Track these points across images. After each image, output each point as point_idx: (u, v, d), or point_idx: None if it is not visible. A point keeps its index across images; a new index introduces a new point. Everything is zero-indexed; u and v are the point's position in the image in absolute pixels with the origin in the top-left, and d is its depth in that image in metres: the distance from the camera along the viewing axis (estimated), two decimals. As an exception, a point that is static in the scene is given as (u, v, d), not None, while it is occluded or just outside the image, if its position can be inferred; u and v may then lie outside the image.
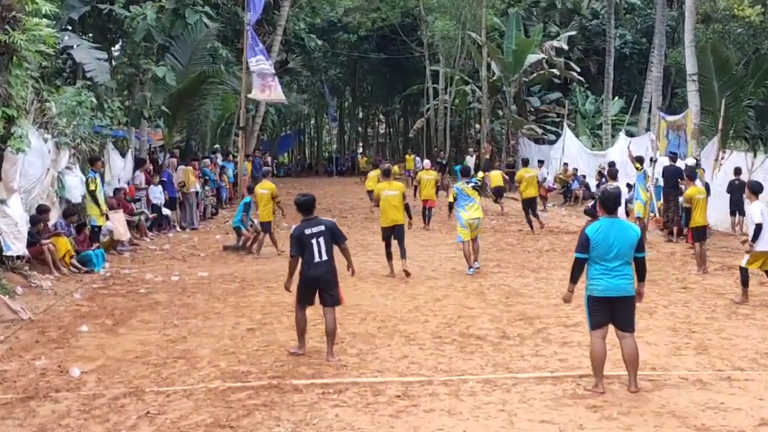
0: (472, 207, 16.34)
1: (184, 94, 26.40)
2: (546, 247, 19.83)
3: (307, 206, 9.94)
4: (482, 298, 13.34)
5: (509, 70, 40.31)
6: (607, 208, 8.26)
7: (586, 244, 8.13)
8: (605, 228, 8.12)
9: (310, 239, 9.69)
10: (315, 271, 9.70)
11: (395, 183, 16.39)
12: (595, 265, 8.15)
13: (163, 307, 12.69)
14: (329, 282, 9.81)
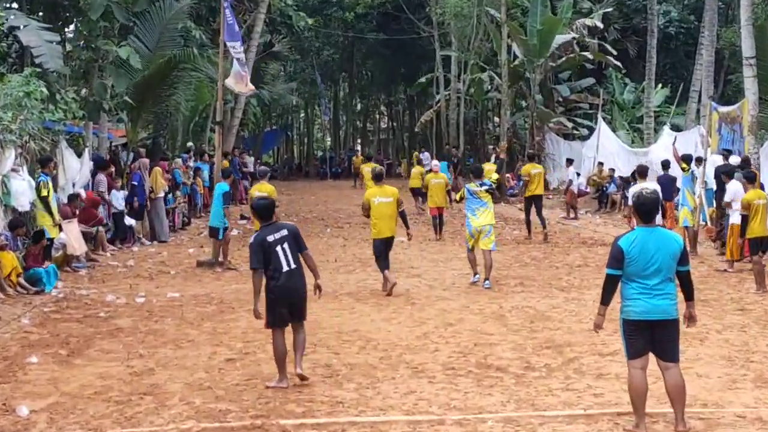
0: (483, 212, 16.66)
1: (151, 83, 26.38)
2: (577, 262, 19.83)
3: (266, 210, 10.29)
4: (502, 322, 13.34)
5: (534, 54, 40.35)
6: (643, 216, 8.22)
7: (619, 258, 8.08)
8: (642, 239, 8.07)
9: (274, 246, 9.90)
10: (287, 281, 9.92)
11: (388, 188, 16.48)
12: (631, 283, 8.10)
13: (127, 334, 12.70)
14: (301, 291, 10.12)
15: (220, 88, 20.92)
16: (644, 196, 8.18)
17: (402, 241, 21.71)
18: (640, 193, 8.28)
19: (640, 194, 8.25)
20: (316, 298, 10.64)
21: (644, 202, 8.16)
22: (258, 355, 11.27)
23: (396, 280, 16.11)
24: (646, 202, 8.16)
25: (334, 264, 19.79)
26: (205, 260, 19.69)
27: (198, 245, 23.11)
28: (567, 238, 24.42)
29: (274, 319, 9.99)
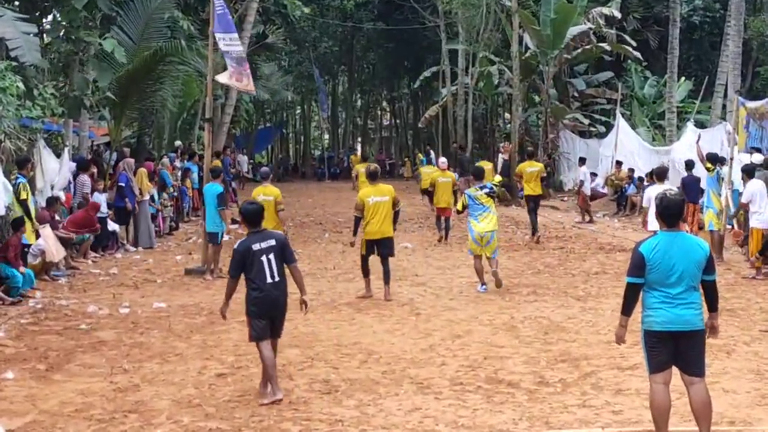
0: (485, 218, 16.98)
1: (135, 78, 26.32)
2: (595, 269, 19.83)
3: (255, 216, 10.32)
4: (514, 334, 13.34)
5: (547, 45, 40.39)
6: (667, 220, 8.18)
7: (640, 266, 8.06)
8: (665, 244, 8.04)
9: (259, 256, 10.01)
10: (270, 294, 10.02)
11: (384, 187, 16.68)
12: (653, 292, 8.09)
13: (110, 348, 12.70)
14: (284, 307, 10.22)
15: (209, 82, 20.84)
16: (668, 199, 8.11)
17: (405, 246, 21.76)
18: (664, 195, 8.18)
19: (664, 196, 8.15)
20: (302, 314, 10.62)
21: (668, 205, 8.09)
22: (251, 370, 11.27)
23: (371, 294, 16.42)
24: (670, 205, 8.09)
25: (333, 272, 19.80)
26: (194, 268, 19.69)
27: (186, 252, 23.13)
28: (583, 244, 24.40)
29: (257, 332, 10.10)
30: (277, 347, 10.40)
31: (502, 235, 25.67)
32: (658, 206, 8.18)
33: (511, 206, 35.57)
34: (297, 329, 13.51)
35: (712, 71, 40.63)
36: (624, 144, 35.87)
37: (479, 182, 17.47)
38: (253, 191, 19.60)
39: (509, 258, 21.63)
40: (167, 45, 26.55)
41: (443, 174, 25.73)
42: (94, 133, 30.12)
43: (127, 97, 26.10)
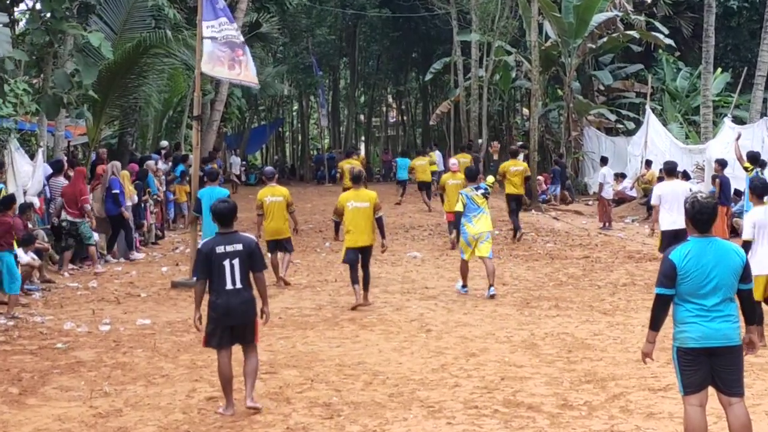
0: (479, 219, 17.80)
1: (117, 72, 26.35)
2: (623, 280, 19.83)
3: (225, 216, 10.45)
4: (534, 352, 13.35)
5: (569, 34, 40.45)
6: (699, 225, 8.15)
7: (671, 275, 8.04)
8: (698, 251, 8.03)
9: (222, 260, 10.18)
10: (228, 301, 10.18)
11: (365, 192, 17.16)
12: (685, 305, 8.08)
13: (89, 369, 12.71)
14: (244, 316, 10.33)
15: (197, 76, 20.80)
16: (701, 203, 8.08)
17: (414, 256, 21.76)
18: (695, 198, 8.15)
19: (695, 200, 8.11)
20: (261, 321, 10.72)
21: (701, 209, 8.06)
22: (244, 393, 11.28)
23: (362, 301, 16.82)
24: (703, 210, 8.06)
25: (334, 284, 19.80)
26: (181, 281, 19.68)
27: (173, 263, 23.13)
28: (610, 252, 24.39)
29: (211, 338, 10.35)
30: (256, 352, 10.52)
31: (521, 243, 25.76)
32: (689, 210, 8.14)
33: (530, 210, 35.57)
34: (295, 348, 13.53)
35: (752, 62, 40.59)
36: (654, 142, 35.87)
37: (473, 183, 18.30)
38: (259, 193, 19.66)
39: (528, 269, 21.65)
40: (151, 35, 26.56)
41: (453, 176, 25.75)
42: (70, 133, 30.07)
43: (107, 94, 26.10)
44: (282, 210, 19.02)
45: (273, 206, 19.03)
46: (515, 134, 54.50)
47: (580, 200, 39.76)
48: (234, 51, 20.03)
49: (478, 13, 47.69)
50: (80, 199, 21.69)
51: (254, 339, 10.52)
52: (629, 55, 47.75)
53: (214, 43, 19.86)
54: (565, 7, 40.19)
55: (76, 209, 21.62)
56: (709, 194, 8.49)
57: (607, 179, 31.36)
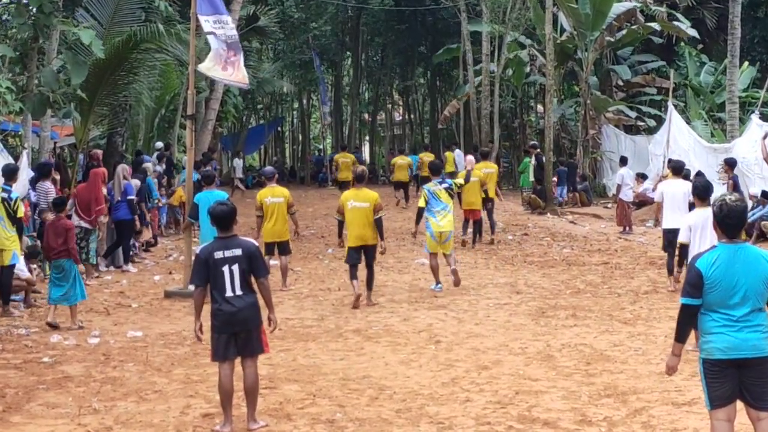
0: (444, 216, 18.94)
1: (105, 68, 26.37)
2: (645, 288, 19.81)
3: (224, 220, 10.47)
4: (551, 364, 13.34)
5: (586, 26, 40.41)
6: (727, 229, 8.11)
7: (697, 284, 8.00)
8: (725, 259, 7.99)
9: (221, 265, 10.22)
10: (228, 308, 10.20)
11: (366, 192, 17.92)
12: (712, 315, 8.04)
13: (78, 384, 12.71)
14: (248, 322, 10.32)
15: (191, 73, 20.79)
16: (729, 206, 7.99)
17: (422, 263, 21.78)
18: (723, 201, 8.05)
19: (723, 203, 8.02)
20: (268, 329, 10.71)
21: (729, 213, 7.99)
22: (243, 409, 11.25)
23: (360, 292, 17.75)
24: (731, 214, 7.99)
25: (337, 293, 19.79)
26: (175, 290, 19.69)
27: (165, 271, 23.13)
28: (631, 258, 24.38)
29: (215, 349, 10.37)
30: (254, 368, 10.45)
31: (535, 249, 25.82)
32: (716, 214, 8.08)
33: (545, 214, 35.57)
34: (296, 361, 13.53)
35: (781, 55, 40.66)
36: (677, 141, 35.73)
37: (437, 177, 19.41)
38: (259, 193, 19.73)
39: (544, 276, 21.64)
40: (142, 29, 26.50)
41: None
42: (57, 134, 30.11)
43: (95, 92, 26.07)
44: (282, 211, 19.17)
45: (273, 207, 19.15)
46: (529, 133, 54.38)
47: (599, 203, 39.72)
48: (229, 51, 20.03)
49: (489, 3, 47.62)
50: (95, 209, 21.55)
51: (261, 348, 10.51)
52: (650, 49, 47.70)
53: (218, 40, 19.83)
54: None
55: (89, 215, 21.44)
56: (739, 197, 8.36)
57: (627, 180, 31.28)
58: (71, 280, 16.65)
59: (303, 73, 65.92)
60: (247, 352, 10.36)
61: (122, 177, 23.75)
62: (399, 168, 39.91)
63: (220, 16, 20.11)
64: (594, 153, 43.02)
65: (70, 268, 16.72)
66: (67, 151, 35.37)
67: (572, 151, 43.68)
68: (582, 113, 43.09)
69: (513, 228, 31.27)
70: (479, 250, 25.68)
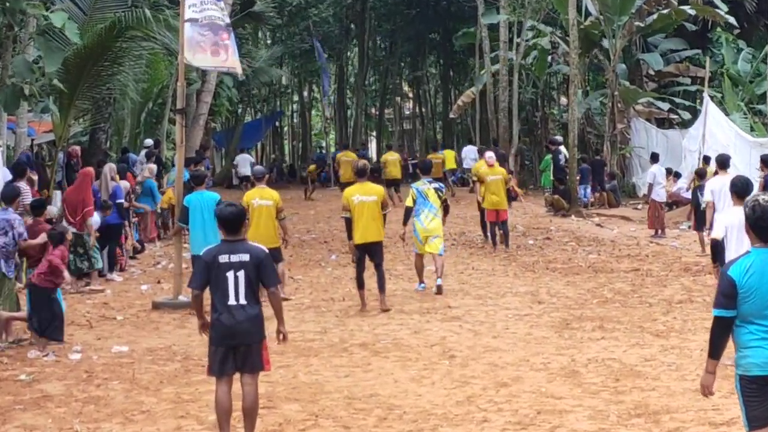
0: (430, 218, 19.84)
1: (87, 58, 26.37)
2: (679, 297, 19.78)
3: (234, 221, 10.46)
4: (576, 380, 13.32)
5: (613, 10, 40.40)
6: (761, 232, 8.03)
7: (731, 294, 7.91)
8: (761, 265, 7.92)
9: (226, 270, 10.16)
10: (229, 319, 10.14)
11: (371, 185, 18.50)
12: (749, 327, 7.97)
13: (58, 404, 12.71)
14: (248, 336, 10.26)
15: (181, 63, 20.71)
16: (762, 206, 7.90)
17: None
18: (756, 202, 7.93)
19: (756, 203, 7.92)
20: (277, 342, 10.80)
21: (763, 215, 7.91)
22: (238, 430, 11.27)
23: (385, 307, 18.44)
24: (765, 215, 7.92)
25: (341, 303, 19.79)
26: (164, 301, 19.69)
27: (154, 280, 23.12)
28: (663, 264, 24.34)
29: (213, 362, 10.32)
30: (254, 386, 10.41)
31: (558, 254, 25.80)
32: (749, 216, 7.99)
33: (569, 216, 35.56)
34: (297, 378, 13.53)
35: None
36: (715, 135, 35.60)
37: (427, 176, 20.26)
38: (246, 194, 19.72)
39: (568, 284, 21.62)
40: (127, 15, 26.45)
41: (492, 170, 26.41)
42: (34, 130, 30.15)
43: (76, 84, 26.07)
44: (270, 215, 19.06)
45: (260, 210, 19.00)
46: (551, 127, 54.42)
47: (627, 203, 39.73)
48: (218, 34, 19.94)
49: (507, -15, 47.63)
50: (85, 210, 21.54)
51: (262, 365, 10.46)
52: (683, 35, 47.66)
53: (194, 26, 19.75)
54: (609, -21, 40.17)
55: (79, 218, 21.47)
56: None
57: (658, 179, 31.17)
58: None
59: (303, 62, 65.97)
60: (246, 368, 10.28)
61: (109, 178, 23.75)
62: (390, 164, 41.10)
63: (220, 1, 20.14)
64: (622, 149, 42.99)
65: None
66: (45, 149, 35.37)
67: (599, 147, 43.64)
68: (609, 106, 43.03)
69: (534, 232, 31.27)
70: (497, 255, 25.67)
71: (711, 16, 42.94)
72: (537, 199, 40.72)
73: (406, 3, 62.63)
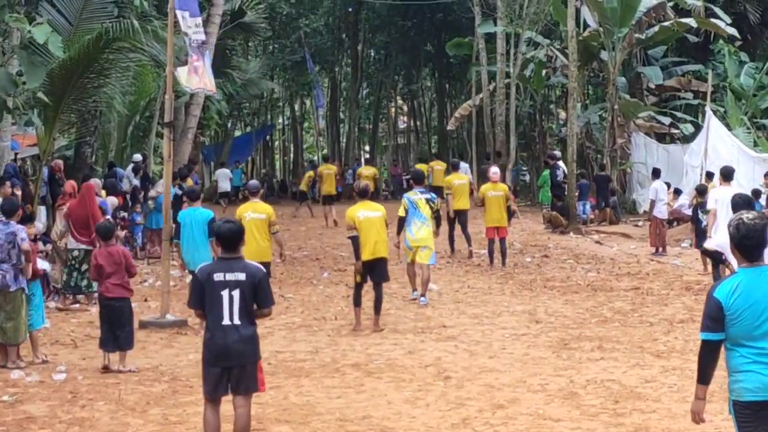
0: (420, 228, 20.40)
1: (73, 70, 26.35)
2: (680, 316, 19.80)
3: (232, 238, 10.49)
4: (574, 402, 13.33)
5: (613, 22, 40.47)
6: (747, 252, 8.01)
7: (717, 316, 7.88)
8: (747, 285, 7.87)
9: (220, 289, 10.18)
10: (223, 339, 10.17)
11: (373, 203, 18.90)
12: (738, 349, 7.92)
13: (42, 426, 12.70)
14: (242, 357, 10.28)
15: (169, 75, 20.74)
16: (747, 225, 7.86)
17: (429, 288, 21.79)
18: (740, 220, 7.88)
19: (740, 222, 7.87)
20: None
21: (748, 233, 7.87)
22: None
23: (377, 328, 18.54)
24: (750, 234, 7.86)
25: (333, 323, 19.78)
26: (150, 319, 19.67)
27: (140, 298, 23.09)
28: (664, 282, 24.36)
29: (206, 383, 10.41)
30: (247, 408, 10.43)
31: (556, 272, 25.81)
32: (733, 235, 7.95)
33: (568, 233, 35.57)
34: (287, 399, 13.51)
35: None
36: (717, 150, 35.64)
37: (419, 186, 20.96)
38: (238, 208, 19.76)
39: (566, 303, 21.63)
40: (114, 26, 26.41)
41: (494, 186, 26.57)
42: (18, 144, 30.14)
43: (61, 96, 26.04)
44: (264, 229, 19.12)
45: (253, 224, 19.00)
46: (549, 141, 54.43)
47: (627, 220, 39.74)
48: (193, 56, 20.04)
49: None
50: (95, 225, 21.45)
51: (256, 387, 10.49)
52: (685, 48, 47.72)
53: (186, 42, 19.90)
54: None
55: (87, 235, 21.38)
56: (758, 214, 8.22)
57: (661, 195, 31.19)
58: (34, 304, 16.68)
59: (295, 75, 65.97)
60: (240, 390, 10.30)
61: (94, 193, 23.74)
62: (327, 180, 41.58)
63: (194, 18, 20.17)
64: (623, 164, 43.01)
65: (36, 291, 16.75)
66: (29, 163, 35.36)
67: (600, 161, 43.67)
68: (609, 120, 43.04)
69: (532, 249, 31.29)
70: (493, 273, 25.68)
71: (713, 28, 42.93)
72: (535, 216, 40.75)
73: (401, 14, 62.63)
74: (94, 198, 22.06)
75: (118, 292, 15.91)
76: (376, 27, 68.36)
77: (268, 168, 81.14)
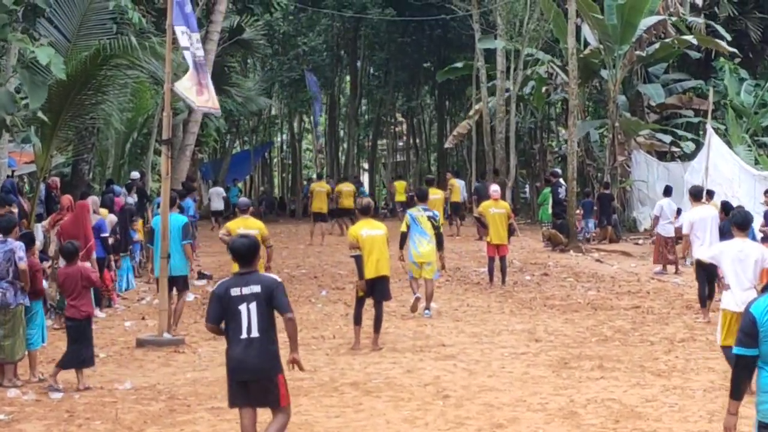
0: (423, 244, 21.04)
1: (70, 87, 26.33)
2: (681, 335, 19.78)
3: (246, 253, 10.59)
4: (574, 421, 13.32)
5: (613, 39, 40.49)
6: None
7: (752, 332, 7.87)
8: (783, 302, 7.90)
9: (238, 303, 10.27)
10: (242, 353, 10.25)
11: (375, 221, 19.05)
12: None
13: (38, 445, 12.70)
14: (259, 371, 10.34)
15: (167, 91, 20.77)
16: None
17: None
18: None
19: None
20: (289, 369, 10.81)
21: None
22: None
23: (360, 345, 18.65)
24: None
25: (332, 341, 19.77)
26: (148, 338, 19.66)
27: (138, 316, 23.08)
28: (665, 301, 24.35)
29: (229, 396, 10.53)
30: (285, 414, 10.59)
31: (556, 290, 25.80)
32: None
33: (568, 251, 35.54)
34: (285, 418, 13.49)
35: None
36: (718, 168, 35.56)
37: (422, 203, 21.43)
38: (229, 223, 19.85)
39: (566, 321, 21.62)
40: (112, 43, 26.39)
41: (496, 204, 26.65)
42: (15, 161, 30.12)
43: (59, 113, 26.02)
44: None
45: None
46: (550, 159, 54.46)
47: (628, 238, 39.71)
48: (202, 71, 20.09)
49: (504, 14, 47.66)
50: (88, 246, 21.40)
51: (279, 402, 10.50)
52: (686, 64, 47.73)
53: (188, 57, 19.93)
54: (608, 7, 40.12)
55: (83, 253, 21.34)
56: None
57: (667, 213, 31.07)
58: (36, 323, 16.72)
59: (293, 92, 65.93)
60: (261, 404, 10.51)
61: (92, 211, 23.71)
62: (345, 195, 41.87)
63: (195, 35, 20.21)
64: (623, 182, 42.99)
65: (38, 310, 16.78)
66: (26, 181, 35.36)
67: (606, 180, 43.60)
68: (610, 137, 43.05)
69: (531, 267, 31.27)
70: (493, 292, 25.66)
71: (714, 46, 42.94)
72: (534, 234, 40.74)
73: (400, 31, 62.61)
74: (88, 218, 22.00)
75: (71, 312, 15.99)
76: (375, 44, 68.34)
77: (266, 185, 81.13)
